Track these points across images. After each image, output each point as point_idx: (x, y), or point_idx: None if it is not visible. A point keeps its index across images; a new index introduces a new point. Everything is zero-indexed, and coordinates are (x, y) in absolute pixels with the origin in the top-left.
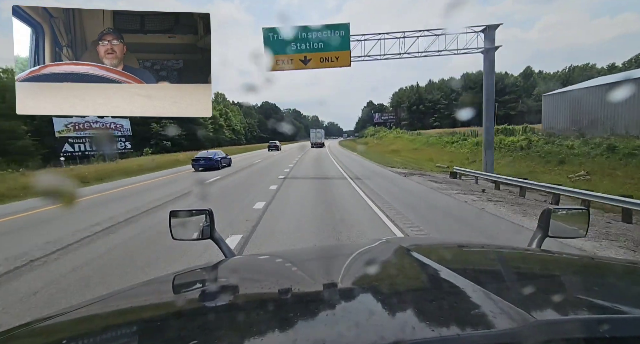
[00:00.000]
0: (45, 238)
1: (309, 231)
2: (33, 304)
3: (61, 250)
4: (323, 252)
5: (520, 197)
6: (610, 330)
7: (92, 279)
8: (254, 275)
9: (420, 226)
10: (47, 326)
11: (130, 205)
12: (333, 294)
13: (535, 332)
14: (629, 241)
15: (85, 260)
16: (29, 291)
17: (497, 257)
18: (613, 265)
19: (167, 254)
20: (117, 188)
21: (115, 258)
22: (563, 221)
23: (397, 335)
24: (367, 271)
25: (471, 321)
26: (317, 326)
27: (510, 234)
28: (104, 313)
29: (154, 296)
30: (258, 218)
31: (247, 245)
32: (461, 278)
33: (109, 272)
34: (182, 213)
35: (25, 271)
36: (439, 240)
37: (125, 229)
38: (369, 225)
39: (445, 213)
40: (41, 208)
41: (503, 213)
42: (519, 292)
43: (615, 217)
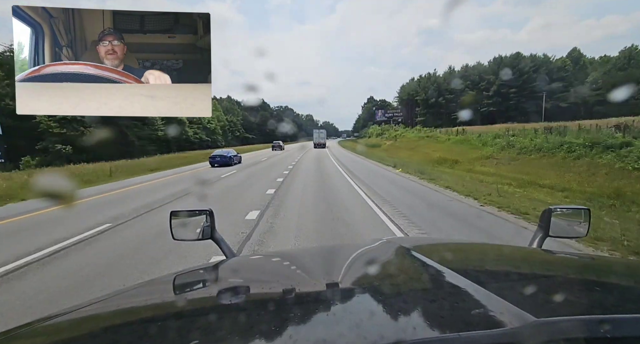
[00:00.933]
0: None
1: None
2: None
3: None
4: (324, 252)
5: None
6: (610, 330)
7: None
8: (254, 275)
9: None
10: (48, 326)
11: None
12: (334, 294)
13: (536, 332)
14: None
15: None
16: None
17: (497, 257)
18: (614, 264)
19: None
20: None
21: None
22: (564, 221)
23: (397, 335)
24: (367, 271)
25: (471, 321)
26: (317, 326)
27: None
28: (104, 313)
29: (154, 297)
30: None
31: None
32: (462, 278)
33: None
34: (182, 214)
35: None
36: (440, 239)
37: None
38: None
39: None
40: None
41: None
42: (519, 292)
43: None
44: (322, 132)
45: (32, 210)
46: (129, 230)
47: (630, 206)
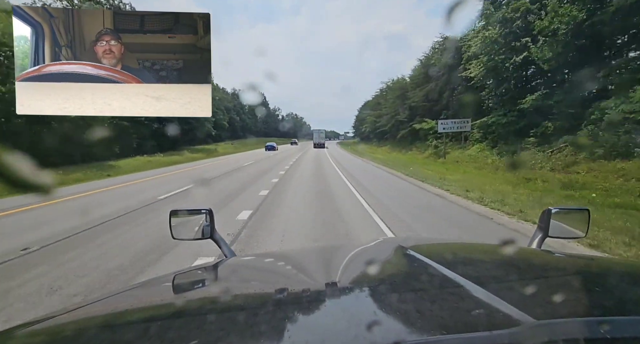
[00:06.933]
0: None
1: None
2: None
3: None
4: (323, 252)
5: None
6: (611, 331)
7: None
8: (253, 275)
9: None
10: (48, 326)
11: None
12: (332, 294)
13: (535, 332)
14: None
15: None
16: None
17: (497, 257)
18: (614, 265)
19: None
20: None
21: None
22: (563, 221)
23: (396, 335)
24: (366, 270)
25: (471, 321)
26: (316, 326)
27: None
28: (104, 313)
29: (154, 296)
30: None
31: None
32: (461, 278)
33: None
34: (182, 213)
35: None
36: (438, 239)
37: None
38: None
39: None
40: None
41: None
42: (519, 292)
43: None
44: (322, 132)
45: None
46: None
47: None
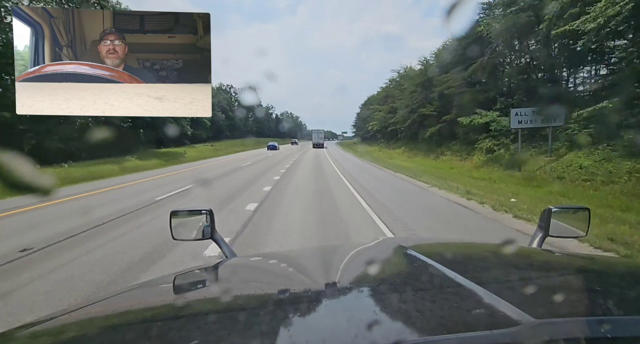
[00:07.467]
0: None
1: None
2: None
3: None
4: (323, 252)
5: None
6: (611, 330)
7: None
8: (254, 275)
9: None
10: (48, 327)
11: None
12: (333, 294)
13: (536, 332)
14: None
15: None
16: None
17: (497, 257)
18: (614, 264)
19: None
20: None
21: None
22: (563, 221)
23: (396, 335)
24: (366, 270)
25: (471, 321)
26: (317, 326)
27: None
28: (104, 314)
29: (154, 297)
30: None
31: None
32: (461, 278)
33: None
34: (182, 213)
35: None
36: (438, 239)
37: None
38: None
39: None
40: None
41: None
42: (519, 292)
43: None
44: (321, 132)
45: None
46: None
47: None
